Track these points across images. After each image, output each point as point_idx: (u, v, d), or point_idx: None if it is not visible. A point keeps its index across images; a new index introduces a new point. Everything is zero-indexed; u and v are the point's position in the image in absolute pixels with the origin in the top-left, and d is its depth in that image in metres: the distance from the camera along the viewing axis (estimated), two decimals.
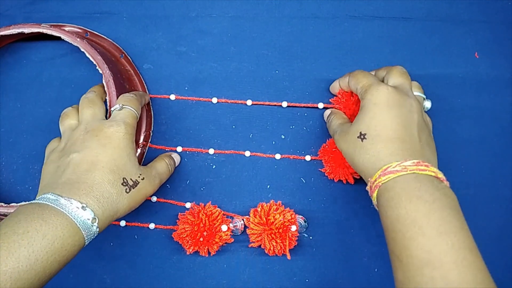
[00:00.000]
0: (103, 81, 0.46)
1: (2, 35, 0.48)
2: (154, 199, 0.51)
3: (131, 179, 0.41)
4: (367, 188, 0.42)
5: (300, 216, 0.50)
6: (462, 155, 0.52)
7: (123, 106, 0.44)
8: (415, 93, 0.45)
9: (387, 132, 0.40)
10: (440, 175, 0.40)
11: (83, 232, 0.37)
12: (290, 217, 0.48)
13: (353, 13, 0.54)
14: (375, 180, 0.39)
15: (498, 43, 0.54)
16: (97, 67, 0.47)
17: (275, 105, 0.53)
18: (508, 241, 0.50)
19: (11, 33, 0.48)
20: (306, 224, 0.50)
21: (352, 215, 0.51)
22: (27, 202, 0.38)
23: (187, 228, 0.47)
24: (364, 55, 0.54)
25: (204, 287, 0.49)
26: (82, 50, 0.47)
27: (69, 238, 0.36)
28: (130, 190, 0.41)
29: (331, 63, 0.54)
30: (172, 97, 0.53)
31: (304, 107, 0.52)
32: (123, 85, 0.49)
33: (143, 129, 0.52)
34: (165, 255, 0.50)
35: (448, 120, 0.53)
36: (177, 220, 0.49)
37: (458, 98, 0.53)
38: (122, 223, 0.50)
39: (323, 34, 0.54)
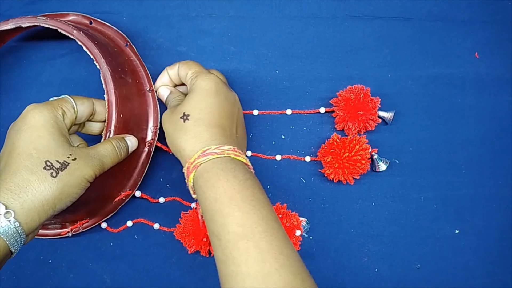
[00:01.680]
0: (101, 77, 0.44)
1: (1, 31, 0.46)
2: (162, 200, 0.51)
3: (57, 161, 0.36)
4: (184, 170, 0.42)
5: (303, 218, 0.50)
6: (462, 155, 0.52)
7: (62, 96, 0.42)
8: None
9: (210, 118, 0.42)
10: (249, 164, 0.42)
11: None
12: (296, 222, 0.48)
13: (353, 13, 0.54)
14: (194, 161, 0.40)
15: (498, 43, 0.54)
16: (95, 62, 0.44)
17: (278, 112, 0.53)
18: (508, 241, 0.50)
19: (9, 27, 0.45)
20: (308, 226, 0.50)
21: (352, 215, 0.51)
22: None
23: (190, 227, 0.47)
24: (364, 55, 0.54)
25: (204, 287, 0.49)
26: (79, 43, 0.44)
27: None
28: (57, 173, 0.36)
29: (331, 63, 0.54)
30: None
31: (307, 113, 0.52)
32: (125, 80, 0.46)
33: (150, 124, 0.49)
34: (165, 255, 0.50)
35: (448, 120, 0.53)
36: (179, 219, 0.49)
37: (458, 98, 0.53)
38: (129, 223, 0.50)
39: (323, 34, 0.54)
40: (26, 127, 0.37)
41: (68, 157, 0.37)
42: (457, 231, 0.51)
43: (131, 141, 0.45)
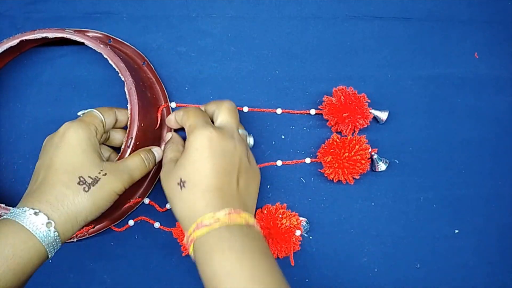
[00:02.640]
0: (125, 88, 0.45)
1: (26, 40, 0.47)
2: (169, 206, 0.51)
3: (89, 177, 0.39)
4: (184, 240, 0.41)
5: (303, 218, 0.50)
6: (462, 155, 0.52)
7: (89, 110, 0.44)
8: (239, 131, 0.45)
9: (206, 181, 0.40)
10: (251, 220, 0.40)
11: (39, 238, 0.36)
12: (296, 222, 0.48)
13: (353, 13, 0.54)
14: (190, 234, 0.39)
15: (498, 43, 0.54)
16: (120, 74, 0.46)
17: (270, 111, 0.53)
18: (508, 241, 0.51)
19: (35, 37, 0.47)
20: (308, 226, 0.50)
21: (352, 215, 0.51)
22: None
23: None
24: (364, 55, 0.54)
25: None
26: (105, 56, 0.46)
27: (21, 245, 0.35)
28: (89, 188, 0.39)
29: (331, 63, 0.54)
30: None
31: (298, 113, 0.52)
32: (145, 93, 0.48)
33: (164, 137, 0.51)
34: (165, 255, 0.50)
35: (448, 120, 0.53)
36: None
37: (458, 98, 0.53)
38: (131, 222, 0.50)
39: (323, 34, 0.54)
40: (62, 144, 0.40)
41: (99, 173, 0.40)
42: (456, 231, 0.51)
43: (157, 152, 0.46)
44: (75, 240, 0.49)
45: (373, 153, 0.51)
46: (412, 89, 0.53)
